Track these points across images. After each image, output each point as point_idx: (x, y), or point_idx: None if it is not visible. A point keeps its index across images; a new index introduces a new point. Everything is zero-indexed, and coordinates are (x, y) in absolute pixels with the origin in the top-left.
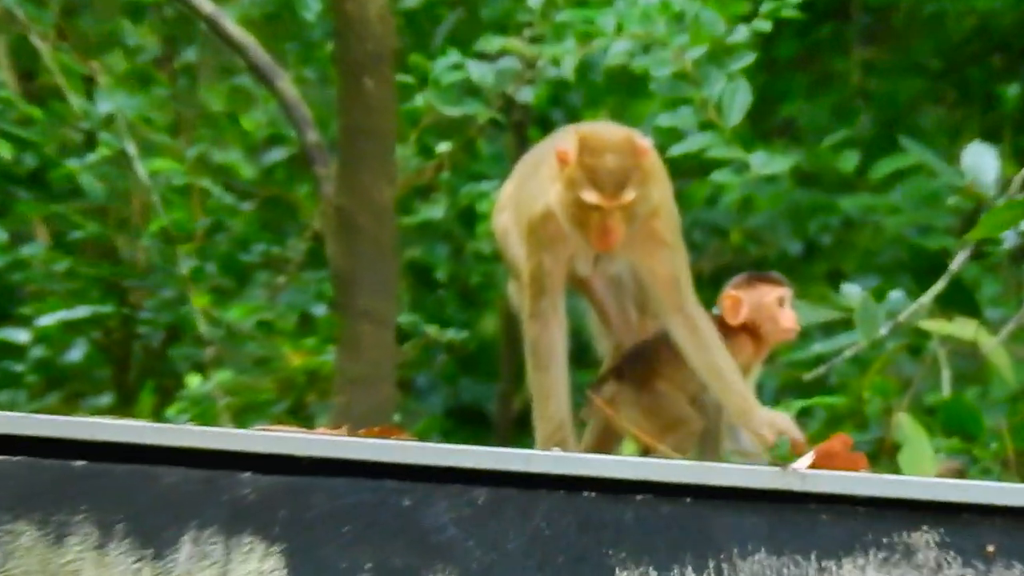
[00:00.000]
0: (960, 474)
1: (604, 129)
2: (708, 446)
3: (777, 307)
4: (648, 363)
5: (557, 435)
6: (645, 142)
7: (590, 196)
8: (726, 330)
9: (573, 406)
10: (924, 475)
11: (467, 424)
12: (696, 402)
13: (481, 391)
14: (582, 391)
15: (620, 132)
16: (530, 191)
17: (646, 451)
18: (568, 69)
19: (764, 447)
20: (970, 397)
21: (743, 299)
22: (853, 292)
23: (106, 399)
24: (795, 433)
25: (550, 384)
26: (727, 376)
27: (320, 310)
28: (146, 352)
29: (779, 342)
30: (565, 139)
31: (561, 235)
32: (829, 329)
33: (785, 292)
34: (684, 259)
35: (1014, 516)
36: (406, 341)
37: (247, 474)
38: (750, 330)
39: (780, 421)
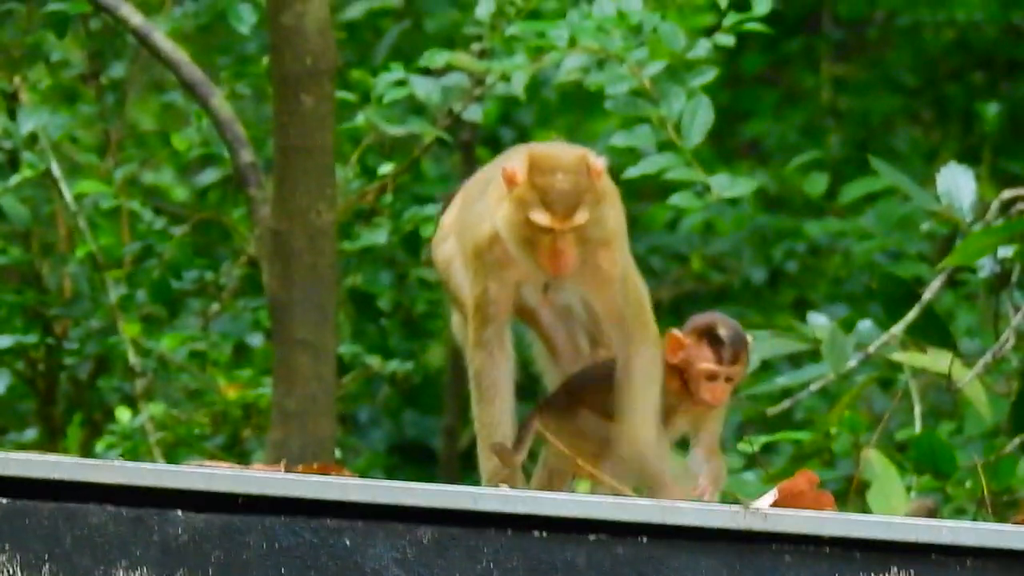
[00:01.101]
0: (932, 513)
1: (555, 148)
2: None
3: (703, 378)
4: (573, 391)
5: (503, 471)
6: (599, 161)
7: (540, 218)
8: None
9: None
10: (894, 514)
11: (411, 460)
12: None
13: (426, 425)
14: None
15: (572, 151)
16: (476, 214)
17: (594, 481)
18: (518, 85)
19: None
20: (943, 433)
21: (685, 347)
22: (821, 322)
23: (31, 433)
24: (660, 484)
25: (495, 418)
26: (638, 403)
27: (256, 340)
28: (73, 384)
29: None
30: (513, 158)
31: (508, 260)
32: (795, 361)
33: (720, 371)
34: (637, 289)
35: (988, 557)
36: (347, 373)
37: (179, 512)
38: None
39: (653, 471)
